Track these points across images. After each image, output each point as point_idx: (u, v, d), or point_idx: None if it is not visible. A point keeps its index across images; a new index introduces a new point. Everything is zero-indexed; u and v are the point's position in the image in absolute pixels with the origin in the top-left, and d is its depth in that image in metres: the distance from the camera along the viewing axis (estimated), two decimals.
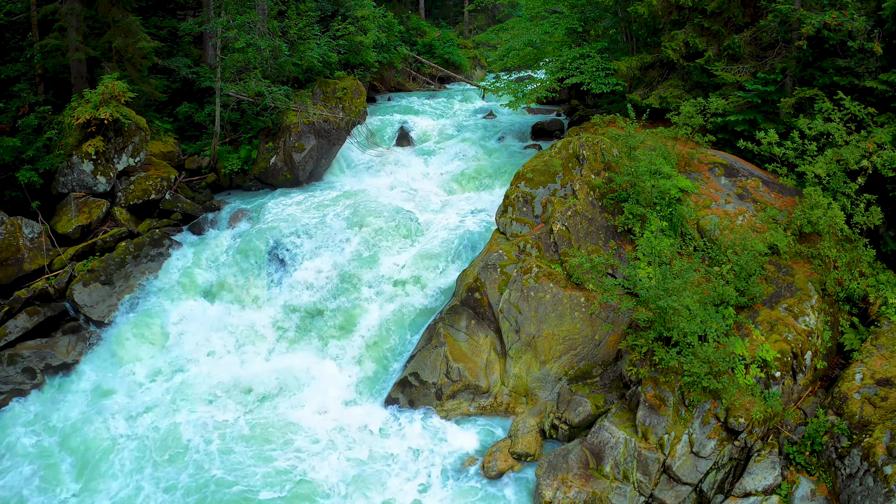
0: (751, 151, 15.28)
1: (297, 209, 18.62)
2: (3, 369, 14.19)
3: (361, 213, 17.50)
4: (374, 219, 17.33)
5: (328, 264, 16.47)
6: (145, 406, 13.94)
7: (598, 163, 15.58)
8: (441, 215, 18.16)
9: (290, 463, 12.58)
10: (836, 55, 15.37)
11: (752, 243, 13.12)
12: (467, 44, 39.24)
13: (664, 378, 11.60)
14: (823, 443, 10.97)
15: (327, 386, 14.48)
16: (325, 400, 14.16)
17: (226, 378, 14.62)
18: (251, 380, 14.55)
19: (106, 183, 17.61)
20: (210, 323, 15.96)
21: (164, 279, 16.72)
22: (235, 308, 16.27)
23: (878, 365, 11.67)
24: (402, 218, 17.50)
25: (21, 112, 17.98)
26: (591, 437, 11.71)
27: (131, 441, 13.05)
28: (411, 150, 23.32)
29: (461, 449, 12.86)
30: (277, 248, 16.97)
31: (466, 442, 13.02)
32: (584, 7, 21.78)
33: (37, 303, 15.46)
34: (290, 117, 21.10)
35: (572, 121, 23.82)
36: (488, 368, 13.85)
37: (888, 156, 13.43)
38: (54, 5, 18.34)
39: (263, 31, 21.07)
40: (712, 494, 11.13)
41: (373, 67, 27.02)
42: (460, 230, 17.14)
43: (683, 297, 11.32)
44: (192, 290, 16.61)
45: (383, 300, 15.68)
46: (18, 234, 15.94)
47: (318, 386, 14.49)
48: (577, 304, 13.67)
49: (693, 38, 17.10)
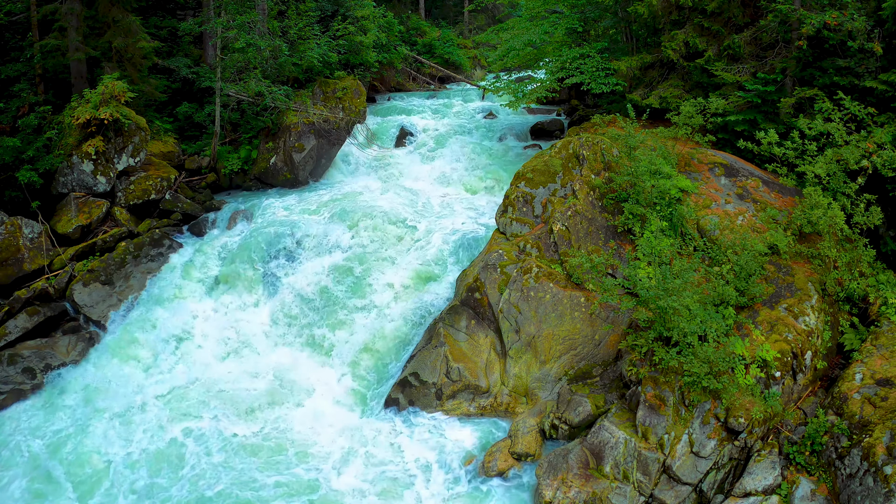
0: (751, 151, 15.27)
1: (297, 210, 18.63)
2: (3, 369, 14.18)
3: (361, 214, 17.50)
4: (373, 220, 17.33)
5: (327, 265, 16.46)
6: (143, 409, 13.90)
7: (598, 163, 15.58)
8: (441, 215, 18.16)
9: (288, 464, 12.58)
10: (836, 55, 15.37)
11: (752, 243, 13.11)
12: (467, 44, 39.24)
13: (664, 378, 11.60)
14: (823, 443, 10.97)
15: (325, 387, 14.47)
16: (322, 402, 14.15)
17: (223, 380, 14.62)
18: (250, 381, 14.55)
19: (106, 183, 17.61)
20: (209, 324, 15.95)
21: (164, 279, 16.70)
22: (234, 309, 16.26)
23: (878, 365, 11.67)
24: (401, 218, 17.50)
25: (21, 112, 17.99)
26: (591, 437, 11.71)
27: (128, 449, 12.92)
28: (411, 150, 23.32)
29: (461, 449, 12.84)
30: (276, 250, 16.96)
31: (466, 442, 13.01)
32: (584, 7, 21.79)
33: (37, 303, 15.46)
34: (290, 117, 21.11)
35: (572, 121, 23.83)
36: (488, 368, 13.85)
37: (888, 156, 13.42)
38: (54, 5, 18.35)
39: (263, 31, 21.07)
40: (712, 494, 11.13)
41: (373, 67, 27.02)
42: (460, 230, 17.15)
43: (683, 297, 11.31)
44: (192, 290, 16.60)
45: (382, 301, 15.67)
46: (18, 234, 15.94)
47: (316, 387, 14.49)
48: (577, 304, 13.67)
49: (693, 38, 17.10)
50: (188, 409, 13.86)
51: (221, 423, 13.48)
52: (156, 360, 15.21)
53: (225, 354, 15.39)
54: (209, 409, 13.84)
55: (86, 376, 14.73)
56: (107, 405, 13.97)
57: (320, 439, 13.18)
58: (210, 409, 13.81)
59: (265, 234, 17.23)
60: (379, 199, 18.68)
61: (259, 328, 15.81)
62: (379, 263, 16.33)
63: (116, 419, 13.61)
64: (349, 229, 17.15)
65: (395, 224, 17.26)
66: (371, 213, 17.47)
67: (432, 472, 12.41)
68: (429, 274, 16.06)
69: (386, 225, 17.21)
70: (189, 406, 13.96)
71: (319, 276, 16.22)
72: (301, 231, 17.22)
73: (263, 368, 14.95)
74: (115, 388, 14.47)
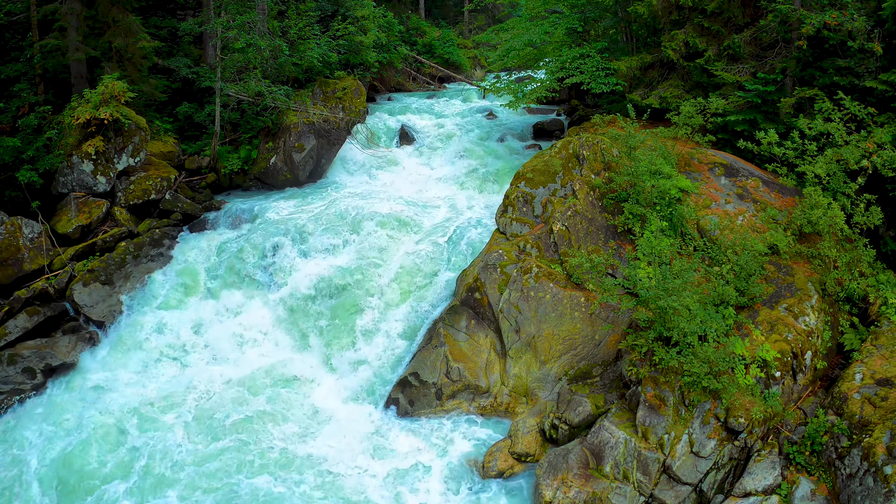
0: (751, 151, 15.27)
1: (297, 210, 18.62)
2: (3, 369, 14.18)
3: (360, 214, 17.49)
4: (373, 220, 17.32)
5: (327, 266, 16.46)
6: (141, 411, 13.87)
7: (598, 163, 15.58)
8: (441, 215, 18.15)
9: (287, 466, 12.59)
10: (836, 55, 15.37)
11: (752, 243, 13.12)
12: (467, 44, 39.22)
13: (664, 378, 11.60)
14: (823, 443, 10.97)
15: (324, 388, 14.48)
16: (322, 402, 14.14)
17: (221, 381, 14.61)
18: (248, 382, 14.53)
19: (106, 183, 17.62)
20: (208, 324, 15.95)
21: (164, 279, 16.70)
22: (234, 309, 16.25)
23: (878, 365, 11.67)
24: (400, 218, 17.49)
25: (21, 112, 17.99)
26: (591, 437, 11.71)
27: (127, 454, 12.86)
28: (411, 150, 23.31)
29: (461, 449, 12.85)
30: (276, 250, 16.95)
31: (466, 442, 13.02)
32: (584, 7, 21.78)
33: (37, 303, 15.46)
34: (290, 117, 21.10)
35: (572, 121, 23.82)
36: (488, 368, 13.85)
37: (888, 156, 13.42)
38: (54, 5, 18.34)
39: (263, 31, 21.07)
40: (712, 494, 11.13)
41: (373, 67, 27.01)
42: (459, 230, 17.14)
43: (683, 297, 11.31)
44: (192, 290, 16.60)
45: (382, 301, 15.67)
46: (18, 234, 15.94)
47: (316, 388, 14.49)
48: (577, 304, 13.67)
49: (693, 38, 17.10)
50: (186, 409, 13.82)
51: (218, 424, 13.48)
52: (154, 359, 15.20)
53: (223, 353, 15.37)
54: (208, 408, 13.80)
55: (84, 377, 14.72)
56: (106, 405, 13.96)
57: (318, 439, 13.17)
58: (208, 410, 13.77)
59: (265, 235, 17.22)
60: (379, 199, 18.67)
61: (258, 328, 15.80)
62: (378, 263, 16.31)
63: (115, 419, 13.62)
64: (349, 229, 17.14)
65: (395, 224, 17.25)
66: (371, 214, 17.47)
67: (432, 472, 12.40)
68: (429, 274, 16.05)
69: (386, 225, 17.20)
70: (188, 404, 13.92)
71: (319, 277, 16.19)
72: (301, 231, 17.22)
73: (261, 368, 14.91)
74: (111, 390, 14.45)
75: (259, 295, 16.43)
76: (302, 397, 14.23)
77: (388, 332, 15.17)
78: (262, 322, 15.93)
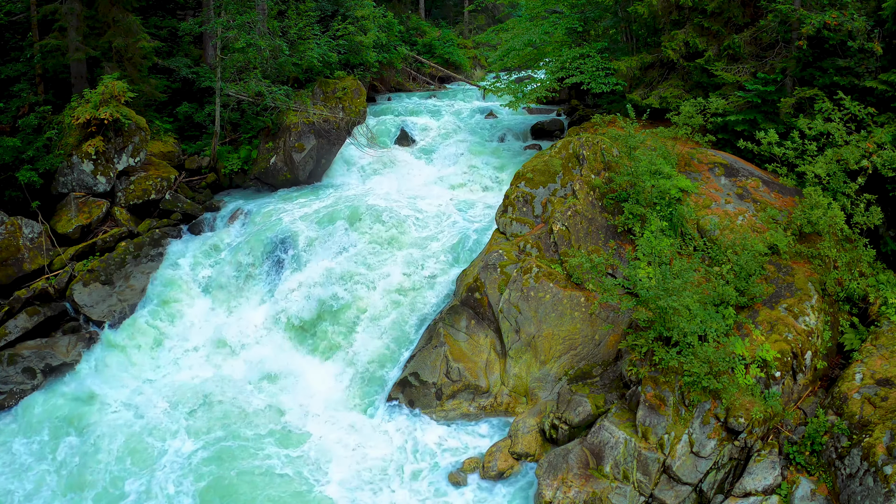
0: (751, 151, 15.27)
1: (297, 210, 18.61)
2: (3, 369, 14.18)
3: (360, 214, 17.48)
4: (373, 220, 17.32)
5: (326, 265, 16.45)
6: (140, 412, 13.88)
7: (598, 163, 15.58)
8: (440, 215, 18.15)
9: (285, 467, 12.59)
10: (836, 55, 15.37)
11: (752, 243, 13.11)
12: (467, 44, 39.20)
13: (664, 378, 11.60)
14: (823, 443, 10.97)
15: (324, 387, 14.47)
16: (321, 401, 14.15)
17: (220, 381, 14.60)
18: (248, 383, 14.54)
19: (106, 183, 17.62)
20: (208, 324, 15.95)
21: (164, 279, 16.70)
22: (234, 309, 16.26)
23: (878, 365, 11.67)
24: (400, 218, 17.49)
25: (21, 112, 18.00)
26: (591, 437, 11.71)
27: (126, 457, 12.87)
28: (411, 150, 23.31)
29: (461, 449, 12.85)
30: (276, 250, 16.96)
31: (466, 442, 13.02)
32: (584, 7, 21.78)
33: (37, 303, 15.46)
34: (290, 117, 21.10)
35: (572, 121, 23.82)
36: (488, 368, 13.85)
37: (888, 156, 13.42)
38: (54, 5, 18.35)
39: (263, 31, 21.06)
40: (712, 494, 11.13)
41: (373, 67, 27.00)
42: (459, 229, 17.14)
43: (683, 297, 11.31)
44: (191, 290, 16.60)
45: (381, 303, 15.65)
46: (18, 234, 15.94)
47: (315, 387, 14.48)
48: (577, 304, 13.67)
49: (693, 38, 17.10)
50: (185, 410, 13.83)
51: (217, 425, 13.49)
52: (153, 360, 15.21)
53: (222, 353, 15.37)
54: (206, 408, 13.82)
55: (83, 377, 14.72)
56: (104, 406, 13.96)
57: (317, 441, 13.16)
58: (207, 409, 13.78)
59: (264, 234, 17.22)
60: (379, 199, 18.65)
61: (257, 328, 15.80)
62: (378, 263, 16.31)
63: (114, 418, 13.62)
64: (349, 229, 17.14)
65: (395, 224, 17.25)
66: (371, 213, 17.46)
67: (432, 472, 12.40)
68: (428, 274, 16.05)
69: (386, 225, 17.20)
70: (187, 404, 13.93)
71: (319, 276, 16.19)
72: (300, 231, 17.21)
73: (260, 368, 14.89)
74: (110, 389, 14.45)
75: (258, 294, 16.43)
76: (295, 396, 14.23)
77: (388, 332, 15.16)
78: (262, 322, 15.91)
